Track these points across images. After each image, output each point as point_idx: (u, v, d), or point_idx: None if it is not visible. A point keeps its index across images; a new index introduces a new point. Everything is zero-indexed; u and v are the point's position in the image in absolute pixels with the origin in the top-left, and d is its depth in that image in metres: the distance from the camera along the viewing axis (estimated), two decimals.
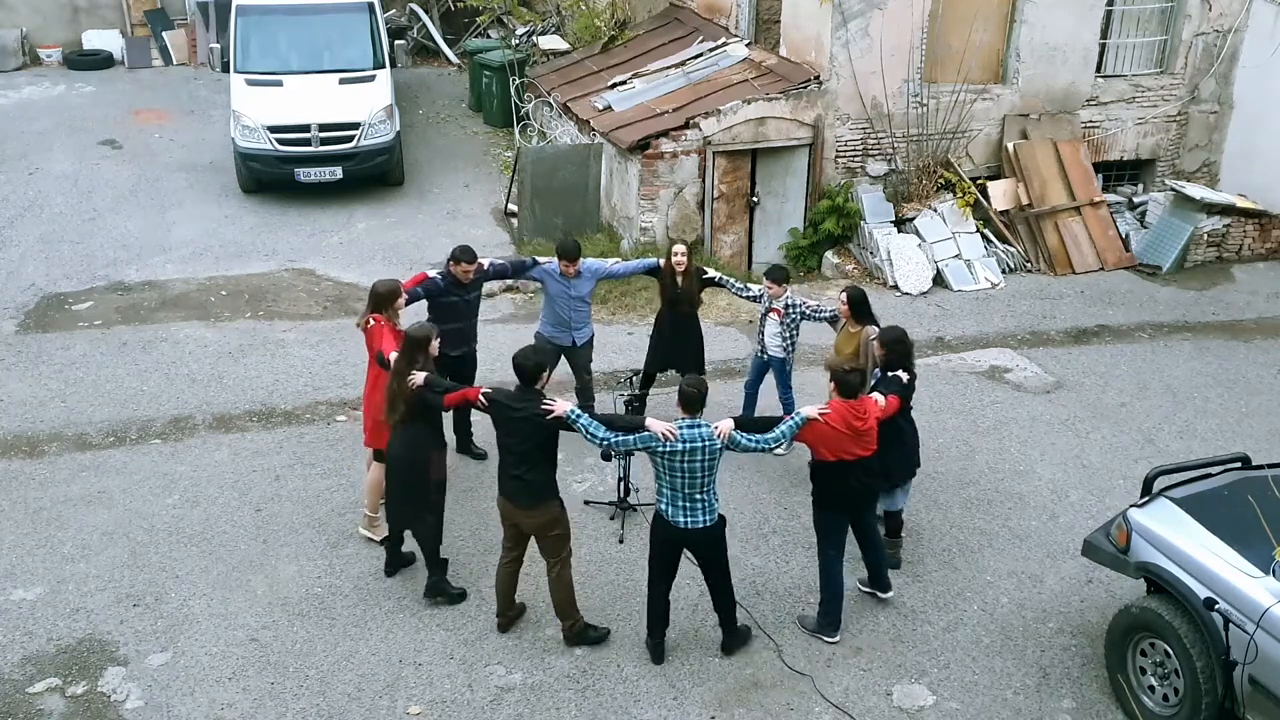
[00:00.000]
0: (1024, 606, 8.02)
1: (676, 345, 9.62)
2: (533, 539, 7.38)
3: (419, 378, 7.38)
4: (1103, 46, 14.24)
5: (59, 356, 11.09)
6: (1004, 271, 13.40)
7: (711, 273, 9.68)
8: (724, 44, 14.84)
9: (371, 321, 8.09)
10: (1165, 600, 6.77)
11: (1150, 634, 6.83)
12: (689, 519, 6.97)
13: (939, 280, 13.12)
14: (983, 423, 10.36)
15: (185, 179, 15.58)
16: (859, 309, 8.55)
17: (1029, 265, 13.69)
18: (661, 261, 9.63)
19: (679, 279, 9.47)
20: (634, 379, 9.00)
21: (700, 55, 14.74)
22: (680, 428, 6.81)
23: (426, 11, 21.43)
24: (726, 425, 6.93)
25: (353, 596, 7.93)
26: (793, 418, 7.21)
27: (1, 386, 10.55)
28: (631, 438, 6.87)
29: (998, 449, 9.95)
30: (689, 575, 8.10)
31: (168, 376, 10.78)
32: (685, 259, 9.41)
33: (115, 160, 16.18)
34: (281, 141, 14.64)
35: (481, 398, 7.18)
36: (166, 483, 9.15)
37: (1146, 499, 7.14)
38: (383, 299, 8.16)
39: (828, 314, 9.22)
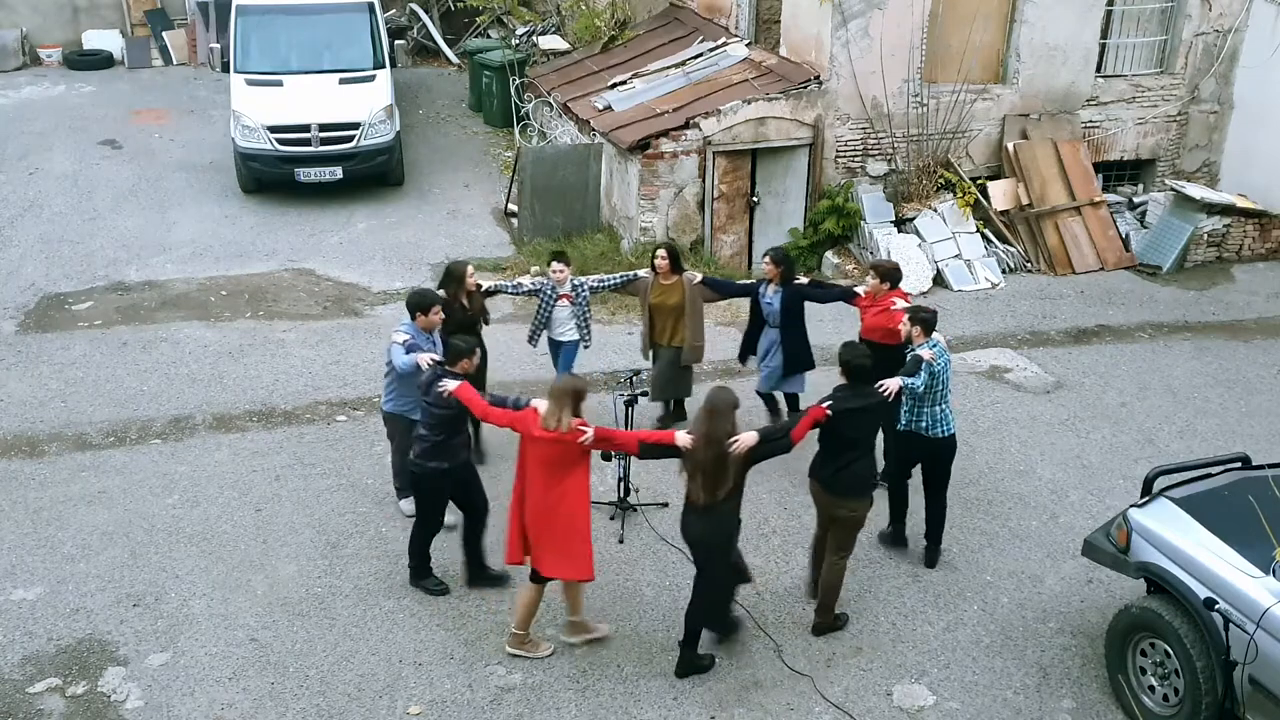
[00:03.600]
0: (1024, 606, 8.02)
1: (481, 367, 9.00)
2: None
3: (748, 438, 6.89)
4: (1103, 46, 14.23)
5: (59, 356, 11.09)
6: (1004, 271, 13.41)
7: (486, 283, 9.39)
8: (724, 44, 14.84)
9: (589, 429, 6.92)
10: (1165, 600, 6.77)
11: (1150, 634, 6.83)
12: (947, 428, 7.99)
13: (939, 280, 13.12)
14: (983, 423, 10.35)
15: (185, 179, 15.58)
16: (675, 261, 9.46)
17: (1029, 265, 13.69)
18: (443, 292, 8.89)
19: (469, 301, 9.00)
20: (634, 379, 8.99)
21: (700, 55, 14.73)
22: (930, 348, 7.87)
23: (426, 11, 21.43)
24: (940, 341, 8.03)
25: (353, 596, 7.93)
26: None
27: (1, 386, 10.55)
28: (923, 375, 7.73)
29: (998, 449, 9.95)
30: (689, 575, 8.11)
31: (168, 376, 10.78)
32: (474, 276, 9.09)
33: (115, 160, 16.18)
34: (281, 141, 14.64)
35: (829, 412, 7.17)
36: (166, 483, 9.15)
37: (1146, 499, 7.14)
38: (581, 396, 7.01)
39: (617, 280, 9.78)
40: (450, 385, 7.33)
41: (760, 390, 9.73)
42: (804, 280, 9.72)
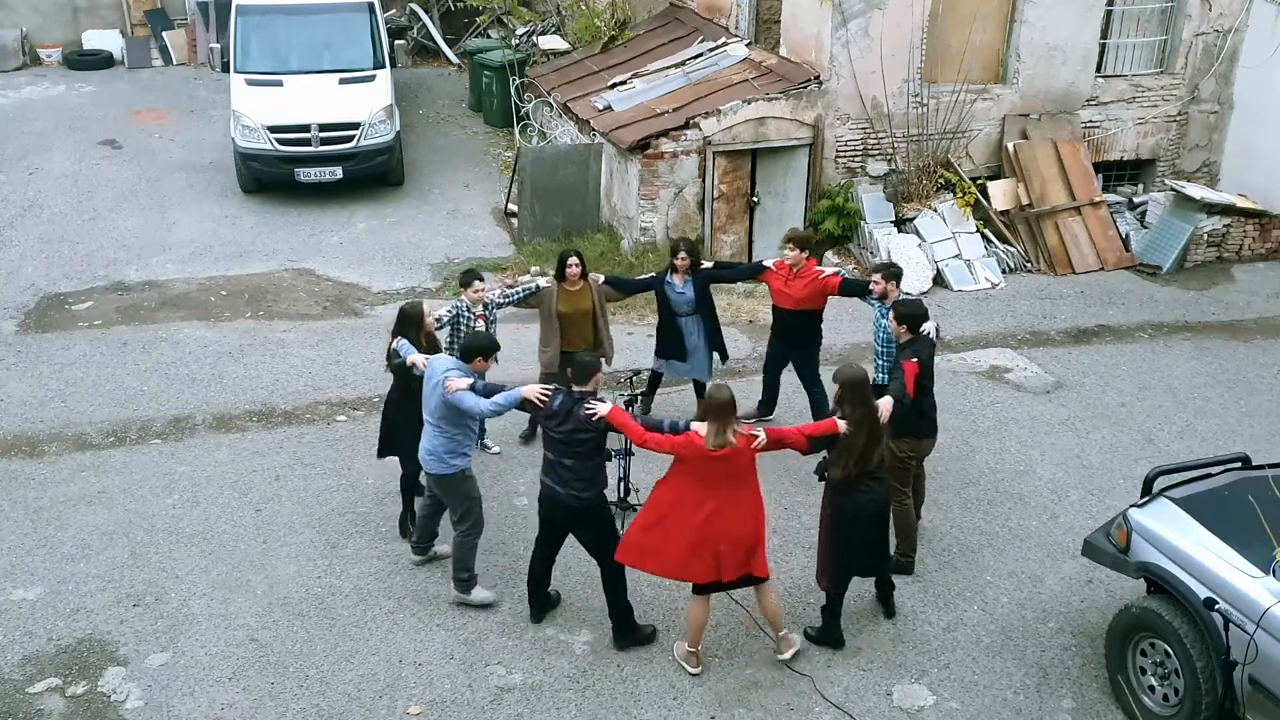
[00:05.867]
0: (1024, 606, 8.02)
1: None
2: None
3: (888, 404, 7.35)
4: (1103, 46, 14.24)
5: (59, 356, 11.09)
6: (1004, 271, 13.41)
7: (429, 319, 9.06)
8: (724, 44, 14.84)
9: (759, 433, 6.94)
10: (1165, 600, 6.77)
11: (1150, 634, 6.83)
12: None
13: (939, 280, 13.12)
14: (983, 423, 10.35)
15: (185, 179, 15.58)
16: (585, 271, 9.37)
17: (1029, 265, 13.70)
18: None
19: (428, 341, 8.49)
20: (633, 379, 9.00)
21: (700, 55, 14.74)
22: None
23: (426, 11, 21.44)
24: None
25: (353, 596, 7.93)
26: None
27: (1, 386, 10.55)
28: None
29: (998, 449, 9.95)
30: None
31: (168, 376, 10.78)
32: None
33: (115, 160, 16.18)
34: (281, 141, 14.65)
35: (917, 360, 7.79)
36: (166, 483, 9.15)
37: (1146, 499, 7.14)
38: (734, 405, 6.90)
39: (520, 293, 9.41)
40: (602, 409, 6.90)
41: (702, 380, 9.75)
42: (709, 264, 9.99)
